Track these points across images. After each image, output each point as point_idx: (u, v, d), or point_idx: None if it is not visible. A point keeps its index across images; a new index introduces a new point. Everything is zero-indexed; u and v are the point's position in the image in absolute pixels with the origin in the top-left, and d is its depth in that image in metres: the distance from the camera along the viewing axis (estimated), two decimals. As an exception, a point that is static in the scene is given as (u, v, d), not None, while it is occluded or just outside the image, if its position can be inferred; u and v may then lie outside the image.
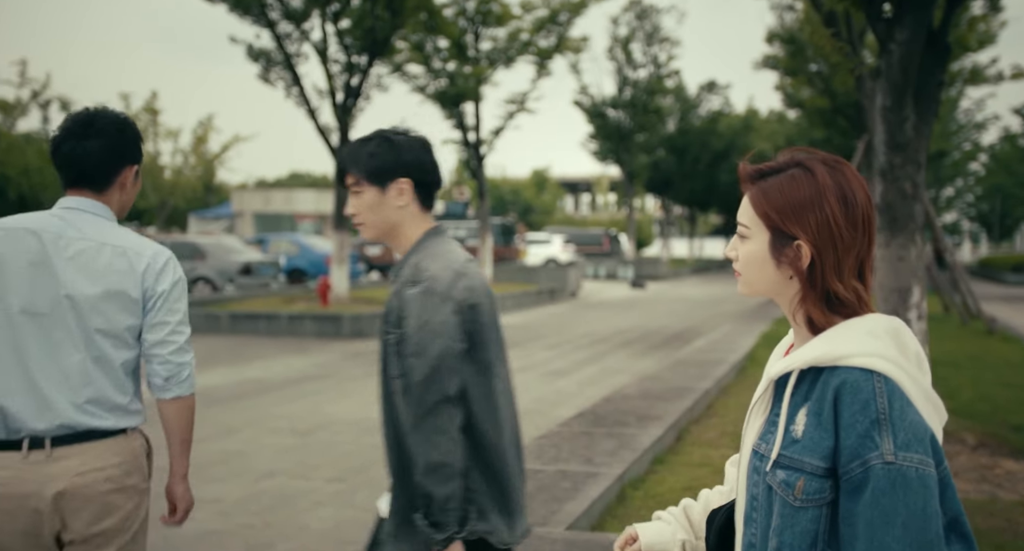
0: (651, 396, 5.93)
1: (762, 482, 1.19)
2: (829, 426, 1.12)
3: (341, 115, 13.65)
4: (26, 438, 1.81)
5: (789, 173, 1.20)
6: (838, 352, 1.13)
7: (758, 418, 1.25)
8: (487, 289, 1.90)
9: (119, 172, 2.00)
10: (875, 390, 1.10)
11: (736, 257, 1.26)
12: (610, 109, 31.88)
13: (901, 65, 4.44)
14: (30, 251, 1.86)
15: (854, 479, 1.10)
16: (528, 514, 2.04)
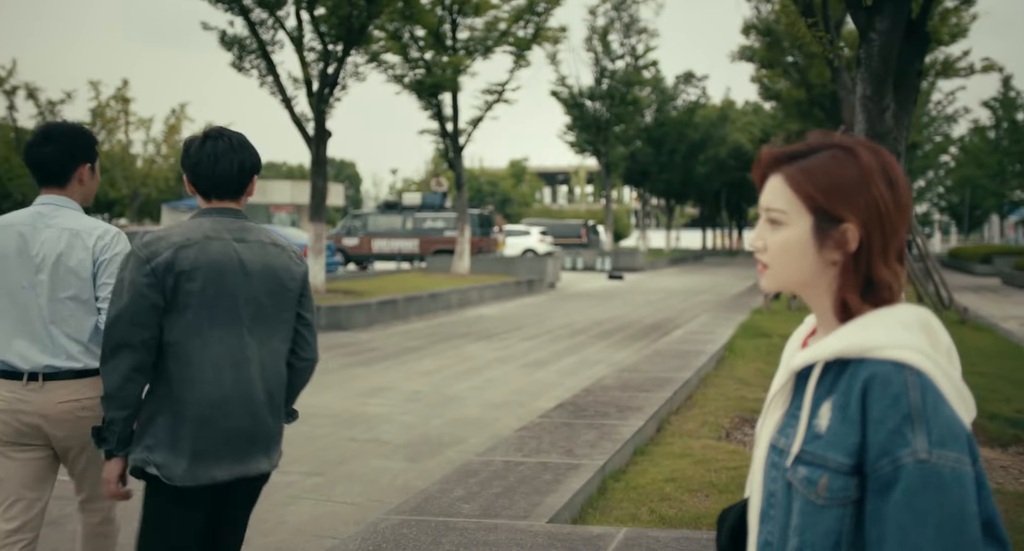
0: (631, 387, 5.92)
1: (781, 479, 1.13)
2: (855, 421, 1.06)
3: (317, 104, 13.47)
4: (25, 374, 2.48)
5: (830, 154, 1.14)
6: (867, 343, 1.07)
7: (776, 412, 1.20)
8: (216, 263, 2.13)
9: (74, 170, 2.58)
10: (907, 384, 1.05)
11: (764, 247, 1.17)
12: (588, 100, 31.86)
13: (881, 54, 4.44)
14: (16, 243, 2.50)
15: (883, 477, 1.04)
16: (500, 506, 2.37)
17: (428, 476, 4.78)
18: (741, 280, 23.43)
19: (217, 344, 2.14)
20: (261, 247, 2.25)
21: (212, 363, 2.13)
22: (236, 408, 2.15)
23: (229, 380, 2.15)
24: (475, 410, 6.70)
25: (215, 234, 2.18)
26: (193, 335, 2.13)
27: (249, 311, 2.19)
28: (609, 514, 3.52)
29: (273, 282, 2.23)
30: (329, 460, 5.23)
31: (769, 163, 1.19)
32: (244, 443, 2.18)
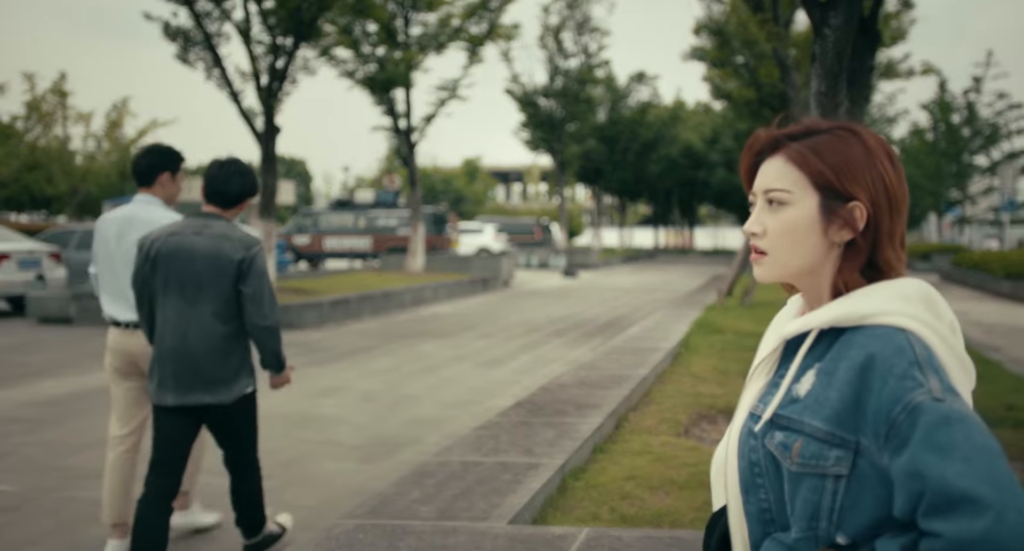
0: (588, 384, 5.88)
1: (760, 446, 1.11)
2: (843, 386, 1.02)
3: (266, 99, 13.15)
4: (123, 323, 3.50)
5: (832, 133, 1.13)
6: (865, 310, 1.05)
7: (759, 381, 1.17)
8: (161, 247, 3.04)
9: (156, 176, 3.60)
10: (909, 340, 1.02)
11: (763, 232, 1.13)
12: (542, 98, 31.90)
13: (836, 50, 4.47)
14: (115, 231, 3.54)
15: (901, 429, 0.96)
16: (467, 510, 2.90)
17: (384, 478, 4.65)
18: (694, 277, 23.72)
19: (171, 309, 3.03)
20: (212, 239, 3.05)
21: (166, 323, 3.04)
22: (179, 356, 3.01)
23: (175, 336, 3.02)
24: (431, 409, 6.59)
25: (179, 230, 3.07)
26: (158, 302, 3.06)
27: (192, 285, 3.01)
28: (570, 514, 3.45)
29: (214, 264, 3.01)
30: (280, 463, 5.06)
31: (768, 144, 1.16)
32: (187, 381, 3.02)
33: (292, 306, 11.75)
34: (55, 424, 6.08)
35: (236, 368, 3.09)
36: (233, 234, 3.07)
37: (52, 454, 5.25)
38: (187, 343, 2.99)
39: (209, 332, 3.00)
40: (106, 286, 3.58)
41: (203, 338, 2.99)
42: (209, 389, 3.03)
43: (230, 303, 3.04)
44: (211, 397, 3.04)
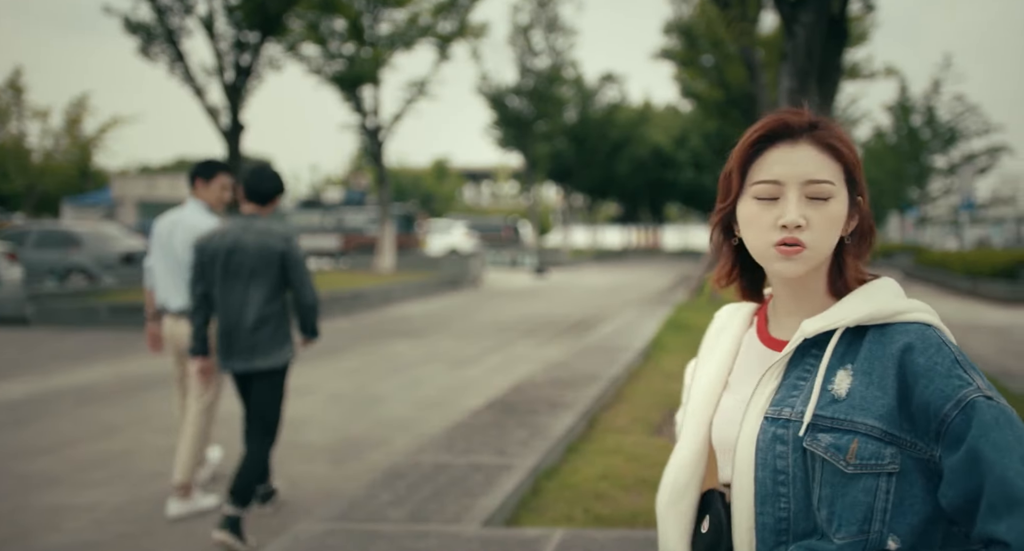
0: (560, 384, 5.85)
1: (791, 452, 1.06)
2: (887, 385, 1.03)
3: (231, 95, 12.92)
4: (173, 310, 4.09)
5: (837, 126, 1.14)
6: (895, 308, 1.07)
7: (769, 384, 1.11)
8: (215, 244, 3.66)
9: (195, 183, 4.22)
10: (942, 338, 1.05)
11: (807, 225, 1.08)
12: (511, 97, 31.87)
13: (806, 47, 4.49)
14: (168, 229, 4.15)
15: (954, 427, 0.99)
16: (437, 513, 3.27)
17: (353, 479, 4.57)
18: (663, 276, 23.87)
19: (229, 294, 3.66)
20: (258, 235, 3.67)
21: (225, 305, 3.66)
22: (237, 331, 3.66)
23: (234, 315, 3.66)
24: (401, 410, 6.51)
25: (230, 230, 3.70)
26: (216, 288, 3.68)
27: (243, 272, 3.65)
28: (544, 515, 3.41)
29: (262, 256, 3.65)
30: (246, 466, 4.95)
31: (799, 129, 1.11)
32: (246, 351, 3.67)
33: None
34: (13, 428, 5.89)
35: (281, 340, 3.73)
36: (273, 230, 3.72)
37: (10, 460, 5.08)
38: (243, 320, 3.66)
39: (260, 311, 3.66)
40: (161, 278, 4.22)
41: (256, 316, 3.66)
42: (261, 356, 3.69)
43: (275, 287, 3.70)
44: (262, 363, 3.69)
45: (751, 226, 1.11)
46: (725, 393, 1.20)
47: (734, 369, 1.21)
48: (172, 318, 4.19)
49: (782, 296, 1.17)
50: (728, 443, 1.15)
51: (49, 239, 15.66)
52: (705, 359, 1.25)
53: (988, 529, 0.95)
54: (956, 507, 0.99)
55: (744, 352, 1.22)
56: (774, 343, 1.18)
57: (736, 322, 1.25)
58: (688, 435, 1.19)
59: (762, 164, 1.11)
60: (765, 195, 1.10)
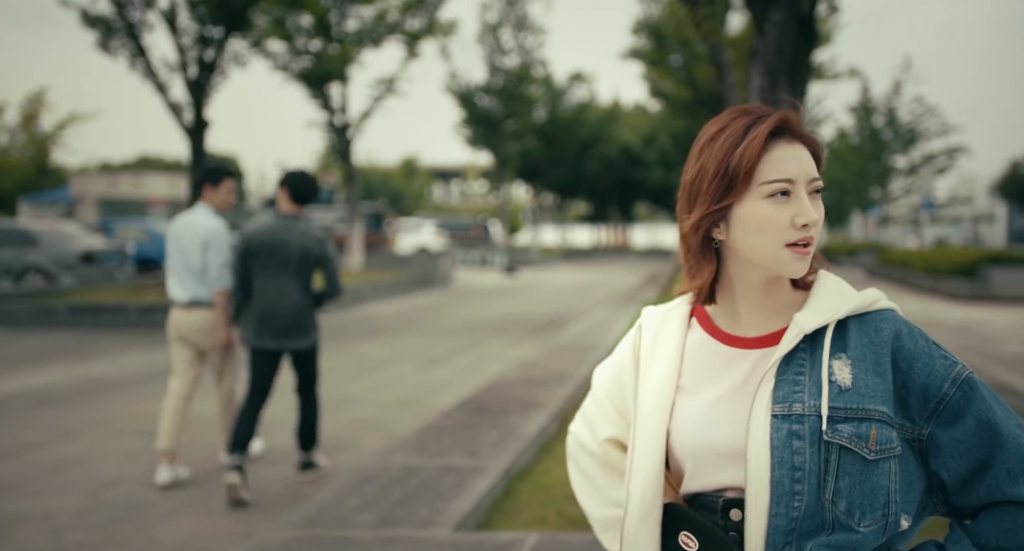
0: (532, 383, 5.79)
1: (811, 446, 1.05)
2: (883, 370, 1.07)
3: (194, 91, 12.65)
4: (179, 302, 4.52)
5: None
6: (870, 298, 1.12)
7: (768, 383, 1.10)
8: (256, 237, 4.21)
9: (202, 187, 4.61)
10: (907, 321, 1.12)
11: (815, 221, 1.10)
12: (481, 94, 31.79)
13: (777, 46, 4.50)
14: (180, 230, 4.56)
15: (953, 403, 1.07)
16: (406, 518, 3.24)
17: (321, 483, 4.47)
18: (632, 275, 23.97)
19: (268, 284, 4.18)
20: (298, 236, 4.22)
21: (264, 293, 4.18)
22: (274, 315, 4.20)
23: (272, 302, 4.18)
24: (371, 410, 6.40)
25: (271, 229, 4.23)
26: (256, 279, 4.20)
27: (286, 266, 4.18)
28: (517, 518, 3.35)
29: (301, 254, 4.20)
30: (210, 469, 4.82)
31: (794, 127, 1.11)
32: (280, 332, 4.22)
33: (224, 306, 11.35)
34: (-37, 434, 5.68)
35: (311, 325, 4.33)
36: (310, 231, 4.29)
37: (-42, 467, 4.89)
38: (279, 307, 4.21)
39: (295, 299, 4.24)
40: (172, 273, 4.65)
41: (291, 303, 4.23)
42: (294, 338, 4.28)
43: (308, 279, 4.29)
44: (295, 344, 4.30)
45: (765, 228, 1.07)
46: (680, 397, 1.16)
47: (684, 372, 1.17)
48: (180, 309, 4.61)
49: (750, 292, 1.13)
50: (710, 447, 1.11)
51: (5, 238, 15.22)
52: (648, 367, 1.20)
53: (1010, 491, 1.05)
54: (959, 478, 1.07)
55: (693, 353, 1.18)
56: (739, 341, 1.15)
57: (673, 325, 1.21)
58: (645, 448, 1.15)
59: (771, 162, 1.07)
60: (779, 195, 1.07)
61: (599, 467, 1.32)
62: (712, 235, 1.13)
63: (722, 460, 1.11)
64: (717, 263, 1.16)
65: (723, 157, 1.09)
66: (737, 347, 1.15)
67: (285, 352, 4.31)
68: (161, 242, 18.90)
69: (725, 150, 1.09)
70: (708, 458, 1.12)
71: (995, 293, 15.76)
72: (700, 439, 1.12)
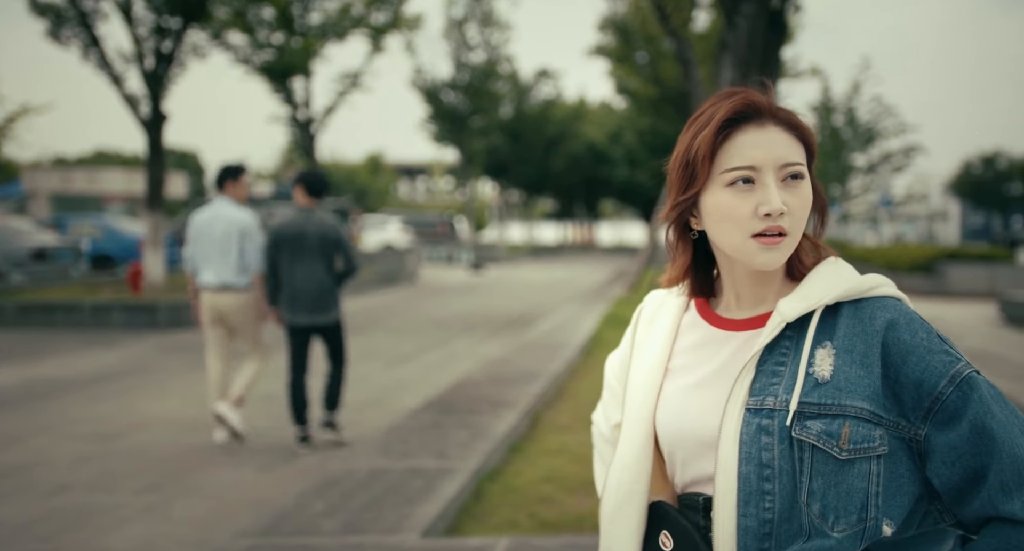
0: (501, 381, 5.70)
1: (780, 443, 0.98)
2: (871, 362, 0.98)
3: (151, 83, 12.29)
4: (212, 286, 5.05)
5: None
6: (867, 283, 1.03)
7: (747, 376, 1.02)
8: (284, 229, 4.84)
9: (224, 184, 5.18)
10: (911, 311, 1.02)
11: (787, 210, 1.01)
12: (447, 90, 31.59)
13: (748, 39, 4.46)
14: (207, 221, 5.07)
15: (949, 403, 0.96)
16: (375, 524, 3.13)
17: (284, 487, 4.31)
18: (599, 272, 24.01)
19: (298, 268, 4.80)
20: (318, 225, 4.85)
21: (294, 276, 4.78)
22: (306, 295, 4.82)
23: (303, 284, 4.79)
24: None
25: (295, 220, 4.87)
26: (285, 265, 4.80)
27: (306, 252, 4.78)
28: (487, 522, 3.24)
29: (321, 238, 4.82)
30: (167, 473, 4.63)
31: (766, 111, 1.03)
32: (309, 309, 4.83)
33: (183, 304, 11.04)
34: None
35: (335, 302, 4.97)
36: (328, 221, 4.94)
37: None
38: (309, 287, 4.83)
39: (322, 280, 4.88)
40: (203, 261, 5.11)
41: (319, 284, 4.86)
42: (322, 314, 4.91)
43: (331, 262, 4.92)
44: (323, 319, 4.93)
45: (727, 218, 1.02)
46: (667, 381, 1.11)
47: (674, 355, 1.12)
48: (212, 292, 5.11)
49: (739, 283, 1.09)
50: (690, 435, 1.05)
51: (-48, 234, 14.66)
52: (641, 348, 1.17)
53: (1002, 508, 0.95)
54: (952, 486, 0.97)
55: (685, 336, 1.13)
56: (727, 323, 1.09)
57: (670, 307, 1.17)
58: (630, 431, 1.10)
59: (732, 149, 1.02)
60: (740, 183, 1.01)
61: (613, 454, 1.26)
62: (691, 225, 1.09)
63: (704, 451, 1.05)
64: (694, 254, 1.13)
65: (687, 145, 1.05)
66: (725, 329, 1.09)
67: (315, 327, 4.95)
68: (118, 238, 18.39)
69: (690, 137, 1.05)
70: (690, 448, 1.06)
71: (951, 288, 16.10)
72: (679, 425, 1.07)
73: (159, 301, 11.09)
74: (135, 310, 10.99)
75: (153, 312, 10.91)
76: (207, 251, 5.08)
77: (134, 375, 7.66)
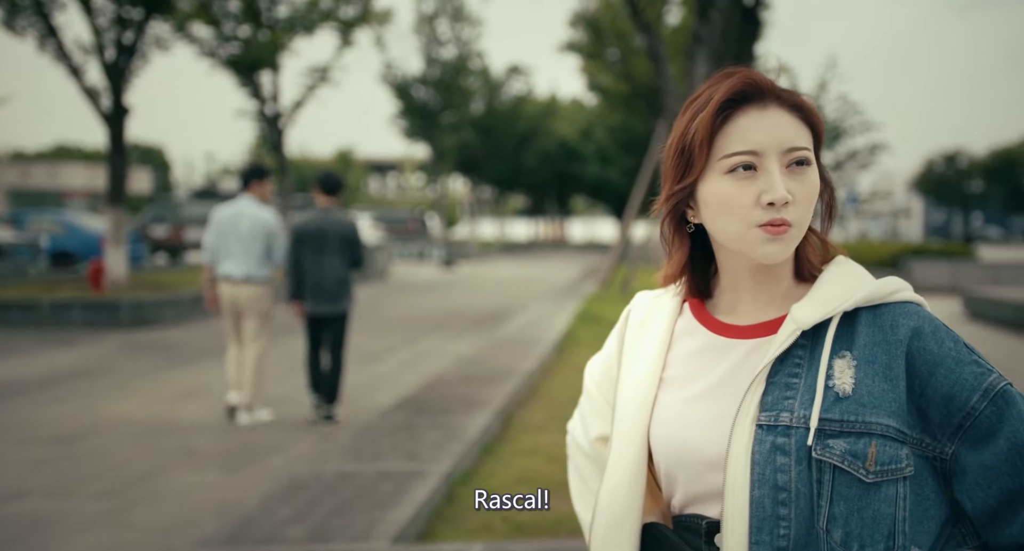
0: (474, 380, 5.61)
1: (795, 464, 0.89)
2: (895, 374, 0.89)
3: (112, 75, 11.95)
4: (232, 278, 5.46)
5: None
6: (889, 287, 0.95)
7: (758, 386, 0.93)
8: (306, 227, 5.44)
9: (250, 183, 5.59)
10: (940, 320, 0.94)
11: (792, 199, 0.92)
12: (418, 86, 31.36)
13: (722, 32, 4.41)
14: (232, 217, 5.49)
15: (983, 420, 0.88)
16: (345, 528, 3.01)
17: (249, 491, 4.17)
18: (570, 269, 24.00)
19: (318, 262, 5.33)
20: (336, 224, 5.43)
21: (315, 269, 5.32)
22: (324, 287, 5.35)
23: (321, 277, 5.32)
24: (304, 410, 6.10)
25: (316, 219, 5.43)
26: (307, 259, 5.35)
27: (326, 248, 5.34)
28: (460, 526, 3.15)
29: (339, 236, 5.39)
30: (128, 477, 4.47)
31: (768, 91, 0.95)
32: (328, 300, 5.37)
33: (147, 302, 10.77)
34: None
35: (347, 293, 5.50)
36: (344, 219, 5.55)
37: None
38: (326, 279, 5.38)
39: (337, 274, 5.42)
40: (225, 254, 5.51)
41: (335, 277, 5.40)
42: (337, 304, 5.45)
43: (346, 257, 5.46)
44: (339, 307, 5.47)
45: (726, 208, 0.93)
46: (662, 392, 1.01)
47: (670, 363, 1.03)
48: (233, 284, 5.50)
49: (741, 282, 1.00)
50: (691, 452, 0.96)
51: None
52: (631, 356, 1.07)
53: None
54: (986, 509, 0.89)
55: (681, 342, 1.04)
56: (730, 330, 1.00)
57: (663, 311, 1.07)
58: (621, 448, 1.00)
59: (731, 132, 0.93)
60: (741, 169, 0.92)
61: (593, 469, 1.17)
62: (687, 218, 1.00)
63: (707, 470, 0.95)
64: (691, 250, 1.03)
65: (683, 129, 0.96)
66: (727, 336, 1.00)
67: (331, 316, 5.46)
68: (79, 235, 17.93)
69: (686, 121, 0.97)
70: (691, 466, 0.97)
71: (915, 283, 16.04)
72: (678, 442, 0.97)
73: (122, 299, 10.81)
74: (96, 308, 10.70)
75: (115, 310, 10.63)
76: (230, 245, 5.50)
77: (94, 375, 7.44)
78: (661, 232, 1.04)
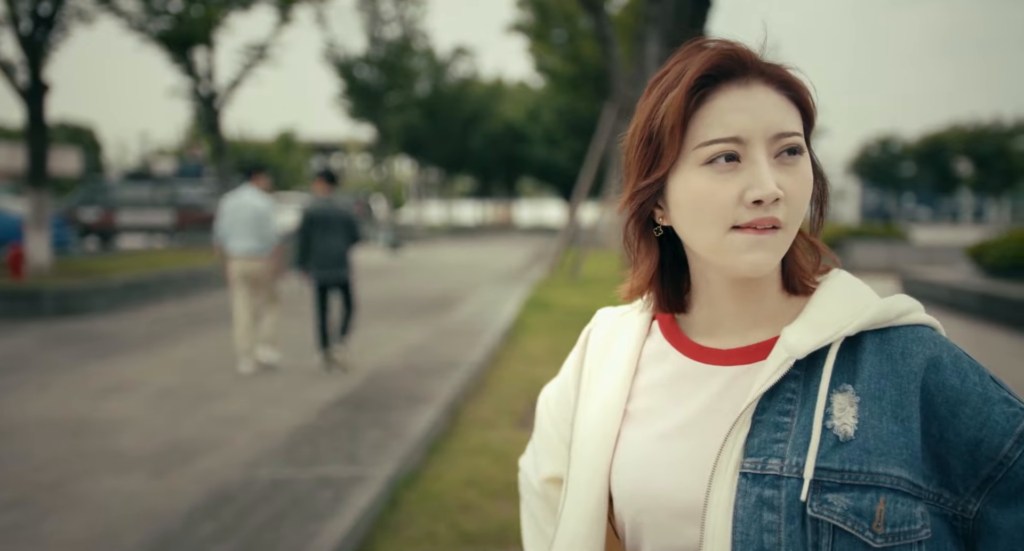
0: (419, 372, 5.37)
1: (786, 523, 0.72)
2: (908, 414, 0.72)
3: (29, 49, 11.22)
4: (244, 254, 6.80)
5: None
6: (898, 308, 0.78)
7: (741, 429, 0.76)
8: (315, 211, 6.63)
9: (251, 175, 6.98)
10: (952, 344, 0.78)
11: (783, 195, 0.75)
12: (361, 65, 30.65)
13: (675, 11, 4.24)
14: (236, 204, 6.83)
15: (1019, 470, 0.72)
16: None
17: (177, 496, 3.88)
18: (518, 252, 23.85)
19: (324, 239, 6.61)
20: (337, 209, 6.67)
21: (319, 245, 6.61)
22: (330, 259, 6.63)
23: (329, 251, 6.61)
24: (241, 405, 5.78)
25: (321, 204, 6.65)
26: (315, 236, 6.61)
27: (331, 229, 6.59)
28: (403, 534, 2.93)
29: (340, 218, 6.64)
30: (40, 483, 4.12)
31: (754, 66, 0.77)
32: (331, 269, 6.65)
33: (73, 291, 10.18)
34: None
35: (350, 264, 6.65)
36: (343, 206, 6.67)
37: None
38: (331, 253, 6.52)
39: (342, 249, 6.58)
40: (234, 235, 6.64)
41: (339, 252, 6.56)
42: (342, 272, 6.60)
43: (348, 236, 6.59)
44: (342, 275, 6.62)
45: (703, 207, 0.76)
46: (626, 427, 0.86)
47: (636, 393, 0.87)
48: (243, 259, 6.66)
49: (720, 297, 0.83)
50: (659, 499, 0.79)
51: None
52: (592, 384, 0.90)
53: None
54: None
55: (649, 369, 0.87)
56: (707, 354, 0.82)
57: (628, 331, 0.91)
58: (579, 491, 0.84)
59: (709, 116, 0.76)
60: (722, 160, 0.75)
61: (548, 510, 0.99)
62: (654, 219, 0.83)
63: (679, 523, 0.77)
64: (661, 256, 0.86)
65: (648, 113, 0.80)
66: (705, 361, 0.82)
67: (336, 282, 6.61)
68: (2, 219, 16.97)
69: (653, 102, 0.80)
70: (660, 517, 0.79)
71: (856, 264, 16.78)
72: (645, 487, 0.79)
73: (44, 287, 10.20)
74: (15, 297, 10.07)
75: (37, 299, 10.03)
76: (237, 227, 6.68)
77: (9, 371, 6.95)
78: (624, 237, 0.86)
